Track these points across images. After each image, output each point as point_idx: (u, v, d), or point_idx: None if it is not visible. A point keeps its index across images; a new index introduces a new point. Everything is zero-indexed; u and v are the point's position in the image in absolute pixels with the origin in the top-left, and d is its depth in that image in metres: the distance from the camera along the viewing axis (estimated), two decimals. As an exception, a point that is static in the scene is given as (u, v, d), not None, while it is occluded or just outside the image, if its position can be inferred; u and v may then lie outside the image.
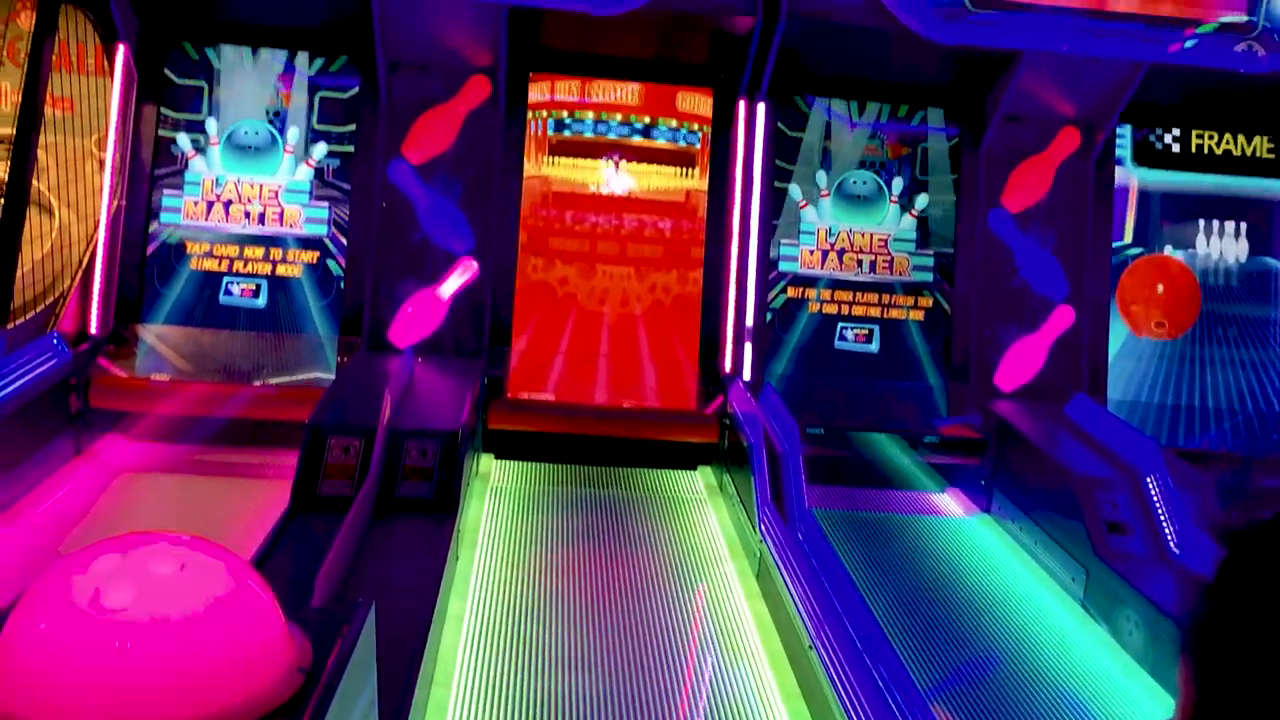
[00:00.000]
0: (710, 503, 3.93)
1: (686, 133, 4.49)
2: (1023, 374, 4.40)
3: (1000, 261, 4.46)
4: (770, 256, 4.44)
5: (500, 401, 4.11)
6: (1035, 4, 4.01)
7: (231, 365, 4.10)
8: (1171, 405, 4.51)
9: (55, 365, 3.60)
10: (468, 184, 4.31)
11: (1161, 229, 4.62)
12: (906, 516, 4.00)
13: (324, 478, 3.14)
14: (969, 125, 4.52)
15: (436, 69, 4.28)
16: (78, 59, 4.09)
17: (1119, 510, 3.37)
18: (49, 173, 3.94)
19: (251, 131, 4.32)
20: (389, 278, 4.26)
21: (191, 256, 4.26)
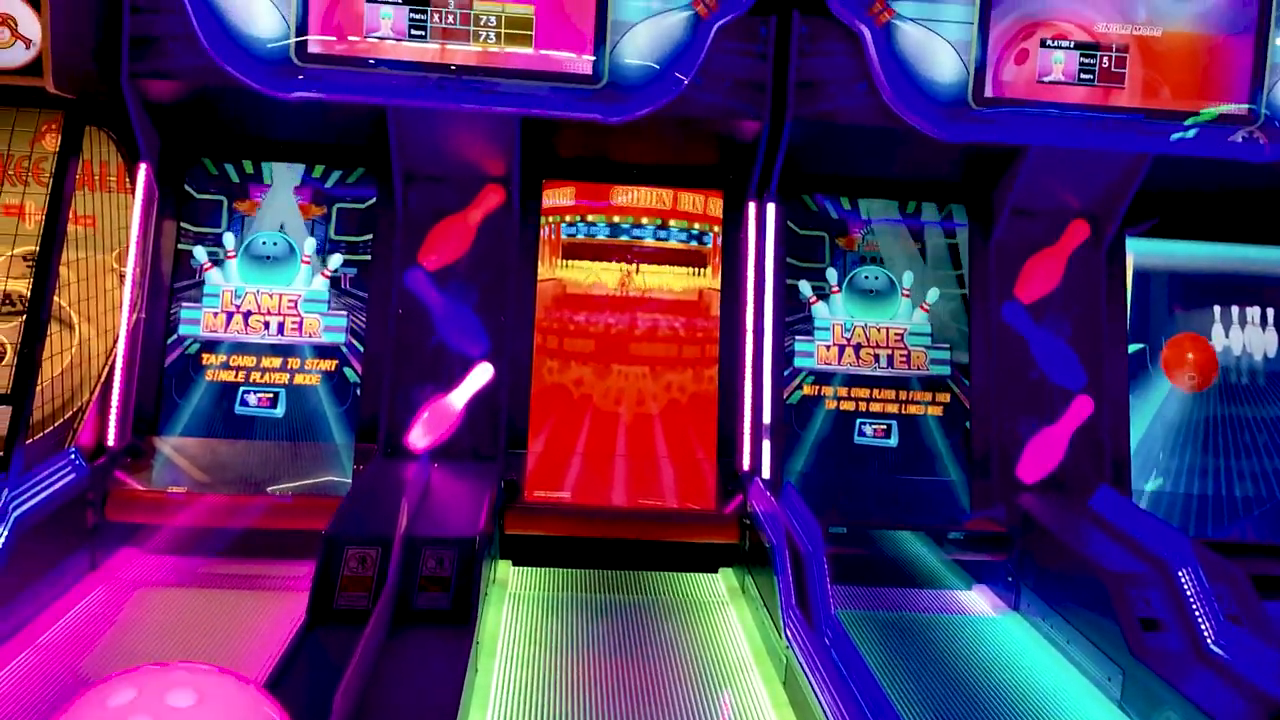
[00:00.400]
0: (733, 605, 3.86)
1: (698, 233, 4.54)
2: (1044, 466, 4.35)
3: (1016, 353, 4.45)
4: (786, 352, 4.45)
5: (517, 505, 4.08)
6: (1038, 100, 4.07)
7: (248, 475, 4.09)
8: (1197, 494, 4.44)
9: (73, 481, 3.60)
10: (483, 289, 4.36)
11: (1172, 316, 4.61)
12: (934, 615, 3.91)
13: (340, 590, 3.11)
14: (978, 219, 4.57)
15: (451, 179, 4.37)
16: (100, 177, 4.19)
17: (1152, 606, 3.29)
18: (70, 288, 4.00)
19: (270, 243, 4.39)
20: (405, 383, 4.28)
21: (209, 367, 4.29)
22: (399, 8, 3.91)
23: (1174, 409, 4.54)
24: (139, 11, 3.91)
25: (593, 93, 3.97)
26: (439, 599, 3.16)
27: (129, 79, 3.94)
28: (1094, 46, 4.06)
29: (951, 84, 4.05)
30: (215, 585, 3.74)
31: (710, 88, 4.05)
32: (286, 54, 3.91)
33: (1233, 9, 4.08)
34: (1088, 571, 3.48)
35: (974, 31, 4.02)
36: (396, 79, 3.93)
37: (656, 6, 3.96)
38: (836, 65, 4.08)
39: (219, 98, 4.09)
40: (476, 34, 3.94)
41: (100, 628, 3.36)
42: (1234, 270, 4.67)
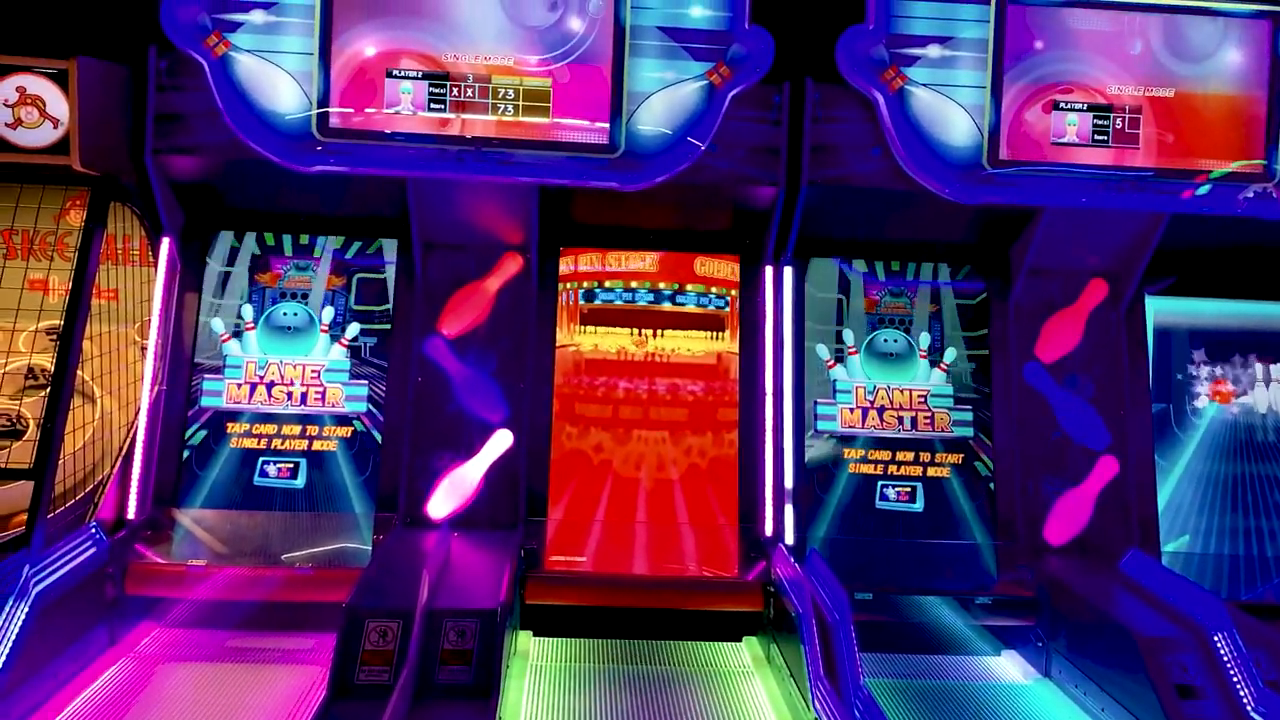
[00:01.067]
0: (758, 675, 3.79)
1: (715, 297, 4.55)
2: (1071, 528, 4.30)
3: (1039, 414, 4.42)
4: (807, 416, 4.43)
5: (537, 574, 4.03)
6: (1052, 161, 4.10)
7: (268, 547, 4.06)
8: (1229, 555, 4.37)
9: (93, 555, 3.58)
10: (502, 356, 4.37)
11: (1192, 373, 4.58)
12: (964, 683, 3.83)
13: (362, 664, 3.07)
14: (996, 280, 4.57)
15: (470, 248, 4.41)
16: (123, 251, 4.25)
17: (1189, 673, 3.22)
18: (92, 361, 4.03)
19: (290, 313, 4.42)
20: (425, 451, 4.27)
21: (230, 438, 4.30)
22: (419, 82, 3.98)
23: (1199, 468, 4.48)
24: (164, 89, 3.99)
25: (609, 161, 4.01)
26: (461, 673, 3.11)
27: (153, 155, 4.01)
28: (1107, 108, 4.09)
29: (965, 147, 4.08)
30: (235, 659, 3.69)
31: (725, 155, 4.09)
32: (308, 128, 3.98)
33: (1245, 68, 4.11)
34: (1121, 636, 3.41)
35: (987, 95, 4.06)
36: (416, 151, 3.98)
37: (671, 77, 4.02)
38: (850, 131, 4.12)
39: (241, 172, 4.15)
40: (495, 106, 4.00)
41: (121, 704, 3.32)
42: (1255, 327, 4.65)
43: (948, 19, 4.05)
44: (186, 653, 3.75)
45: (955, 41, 4.06)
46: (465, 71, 3.99)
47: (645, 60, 4.00)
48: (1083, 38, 4.08)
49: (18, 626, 3.04)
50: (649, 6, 3.99)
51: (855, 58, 4.04)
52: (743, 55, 4.00)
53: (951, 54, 4.06)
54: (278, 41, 3.95)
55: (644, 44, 4.00)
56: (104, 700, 3.35)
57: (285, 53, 3.96)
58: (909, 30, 4.05)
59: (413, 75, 3.98)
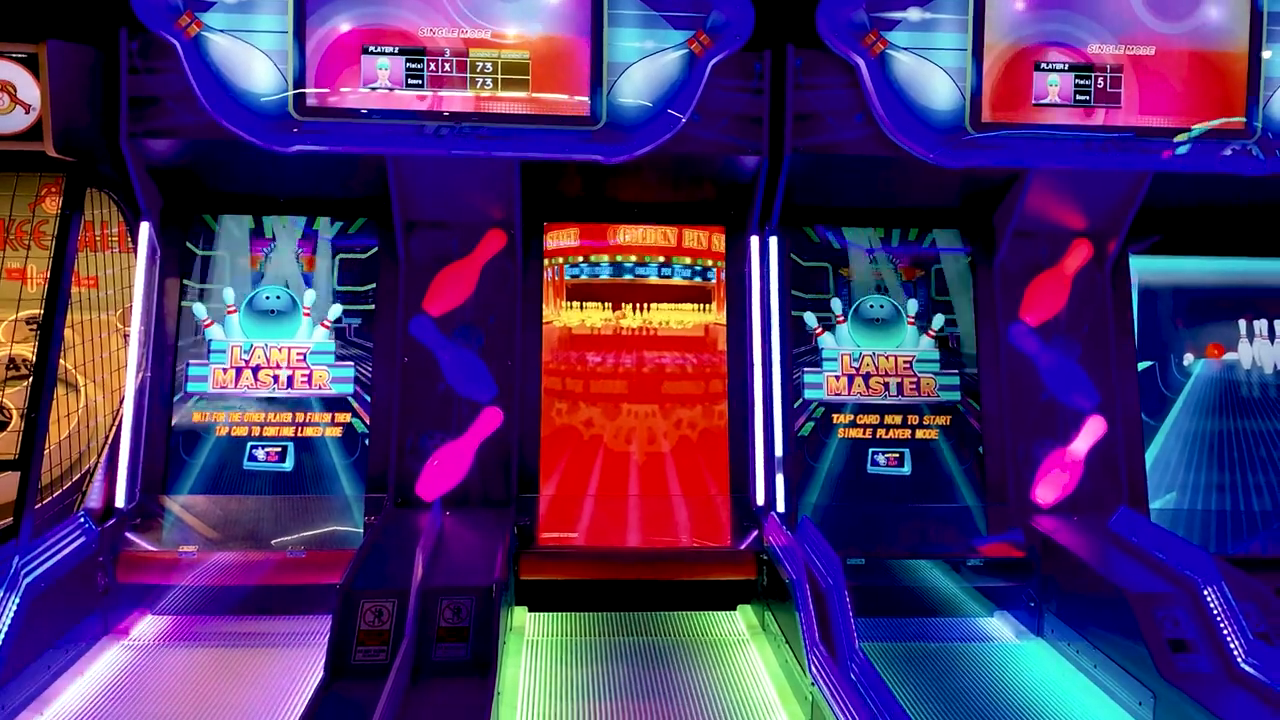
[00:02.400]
0: (754, 643, 3.81)
1: (701, 269, 4.54)
2: (1060, 488, 4.32)
3: (1026, 376, 4.43)
4: (795, 384, 4.43)
5: (531, 551, 4.03)
6: (1035, 123, 4.09)
7: (259, 531, 4.05)
8: (1216, 510, 4.41)
9: (82, 544, 3.57)
10: (489, 334, 4.35)
11: (1177, 331, 4.60)
12: (958, 644, 3.86)
13: (358, 644, 3.07)
14: (981, 243, 4.57)
15: (453, 225, 4.38)
16: (101, 238, 4.19)
17: (1180, 627, 3.25)
18: (74, 350, 3.99)
19: (273, 296, 4.38)
20: (414, 431, 4.25)
21: (216, 424, 4.27)
22: (395, 58, 3.94)
23: (1185, 425, 4.51)
24: (136, 72, 3.93)
25: (591, 134, 3.98)
26: (458, 650, 3.11)
27: (128, 139, 3.95)
28: (1088, 67, 4.08)
29: (948, 111, 4.07)
30: (230, 643, 3.69)
31: (708, 124, 4.07)
32: (284, 108, 3.93)
33: (1225, 25, 4.10)
34: (1112, 594, 3.43)
35: (968, 58, 4.04)
36: (395, 129, 3.95)
37: (651, 46, 3.99)
38: (833, 97, 4.10)
39: (218, 154, 4.10)
40: (473, 81, 3.96)
41: (115, 691, 3.32)
42: (1240, 284, 4.67)
43: (928, -19, 4.03)
44: (181, 638, 3.75)
45: (936, 4, 4.04)
46: (442, 46, 3.94)
47: (624, 30, 3.97)
48: (1063, -4, 4.07)
49: (9, 618, 3.03)
50: (627, -25, 3.96)
51: (836, 23, 4.02)
52: (723, 23, 3.97)
53: (932, 17, 4.04)
54: (251, 20, 3.90)
55: (622, 13, 3.96)
56: (100, 688, 3.34)
57: (259, 31, 3.91)
58: (889, -7, 4.03)
59: (389, 51, 3.94)
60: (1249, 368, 4.59)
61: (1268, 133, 4.13)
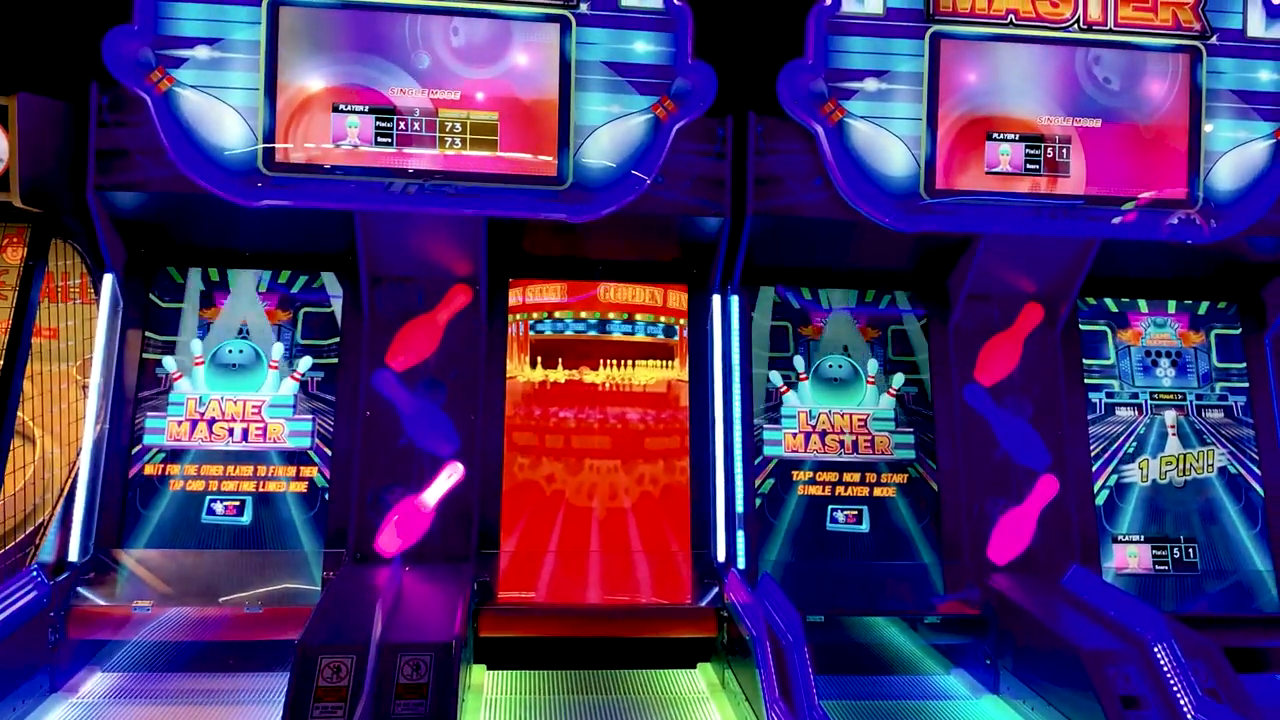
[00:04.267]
0: (714, 701, 3.81)
1: (664, 327, 4.60)
2: (1014, 546, 4.39)
3: (981, 435, 4.52)
4: (756, 441, 4.48)
5: (491, 607, 4.01)
6: (987, 191, 4.23)
7: (215, 587, 3.99)
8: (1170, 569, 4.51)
9: (33, 599, 3.51)
10: (452, 388, 4.37)
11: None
12: (915, 702, 3.89)
13: (315, 701, 3.03)
14: (936, 305, 4.68)
15: (419, 280, 4.41)
16: (62, 289, 4.18)
17: (1131, 683, 3.31)
18: (31, 401, 3.95)
19: (236, 350, 4.38)
20: (374, 486, 4.24)
21: (173, 477, 4.23)
22: (365, 116, 4.00)
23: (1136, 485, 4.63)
24: (105, 125, 3.95)
25: (558, 193, 4.06)
26: (417, 707, 3.08)
27: (95, 191, 3.96)
28: (1038, 138, 4.24)
29: (904, 177, 4.20)
30: (183, 701, 3.62)
31: (672, 186, 4.16)
32: (253, 163, 3.97)
33: (1166, 99, 4.29)
34: (1065, 651, 3.49)
35: (923, 127, 4.19)
36: (363, 185, 3.99)
37: (618, 111, 4.08)
38: (793, 162, 4.21)
39: (185, 207, 4.11)
40: (442, 140, 4.03)
41: (63, 753, 3.24)
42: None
43: (884, 53, 4.17)
44: (132, 695, 3.67)
45: (892, 75, 4.19)
46: (412, 105, 4.01)
47: (591, 94, 4.07)
48: (1014, 71, 4.23)
49: (-43, 674, 2.96)
50: (594, 42, 4.06)
51: (796, 91, 4.15)
52: (687, 89, 4.08)
53: (888, 87, 4.18)
54: (223, 77, 3.95)
55: (590, 78, 4.06)
56: (48, 748, 3.26)
57: (231, 88, 3.95)
58: (847, 64, 4.17)
59: (359, 110, 4.00)
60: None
61: (1209, 203, 4.31)
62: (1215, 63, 4.30)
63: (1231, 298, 4.85)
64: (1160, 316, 4.82)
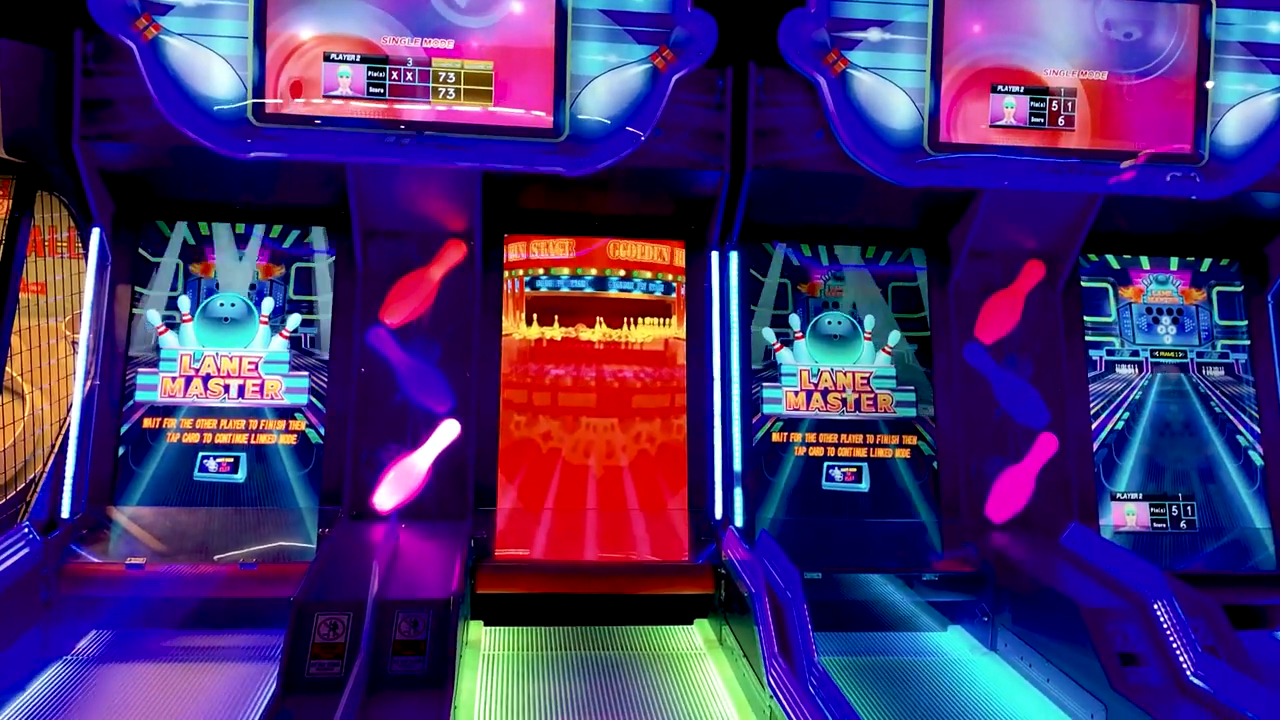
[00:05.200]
0: (711, 657, 3.80)
1: (661, 284, 4.55)
2: (1013, 504, 4.38)
3: (980, 394, 4.49)
4: (753, 399, 4.45)
5: (488, 564, 3.99)
6: (991, 144, 4.16)
7: (209, 544, 3.96)
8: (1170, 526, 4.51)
9: (25, 556, 3.46)
10: (447, 345, 4.32)
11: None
12: (913, 659, 3.89)
13: (312, 658, 3.01)
14: (936, 262, 4.63)
15: (412, 235, 4.34)
16: (49, 243, 4.11)
17: (1130, 641, 3.30)
18: (20, 357, 3.89)
19: (227, 304, 4.32)
20: (370, 443, 4.20)
21: (167, 433, 4.19)
22: (357, 66, 3.91)
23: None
24: (91, 74, 3.86)
25: (554, 146, 3.98)
26: (415, 663, 3.07)
27: (80, 142, 3.88)
28: (1043, 91, 4.17)
29: (907, 130, 4.13)
30: (178, 659, 3.60)
31: (670, 139, 4.09)
32: (243, 115, 3.88)
33: (1173, 54, 4.21)
34: (1063, 608, 3.48)
35: (927, 79, 4.11)
36: (356, 137, 3.92)
37: (615, 60, 4.00)
38: (794, 114, 4.14)
39: (173, 159, 4.03)
40: (436, 90, 3.94)
41: (57, 709, 3.21)
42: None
43: (888, 3, 4.09)
44: (127, 654, 3.64)
45: (896, 25, 4.10)
46: (405, 55, 3.93)
47: (588, 43, 3.98)
48: (1020, 21, 4.15)
49: (-53, 631, 2.93)
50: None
51: (797, 41, 4.06)
52: (685, 39, 4.00)
53: (892, 37, 4.10)
54: (211, 25, 3.85)
55: (586, 27, 3.98)
56: (41, 704, 3.24)
57: (219, 36, 3.86)
58: (850, 14, 4.09)
59: (351, 59, 3.91)
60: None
61: (1215, 157, 4.25)
62: (1225, 14, 4.23)
63: (1234, 255, 4.81)
64: (1162, 273, 4.78)
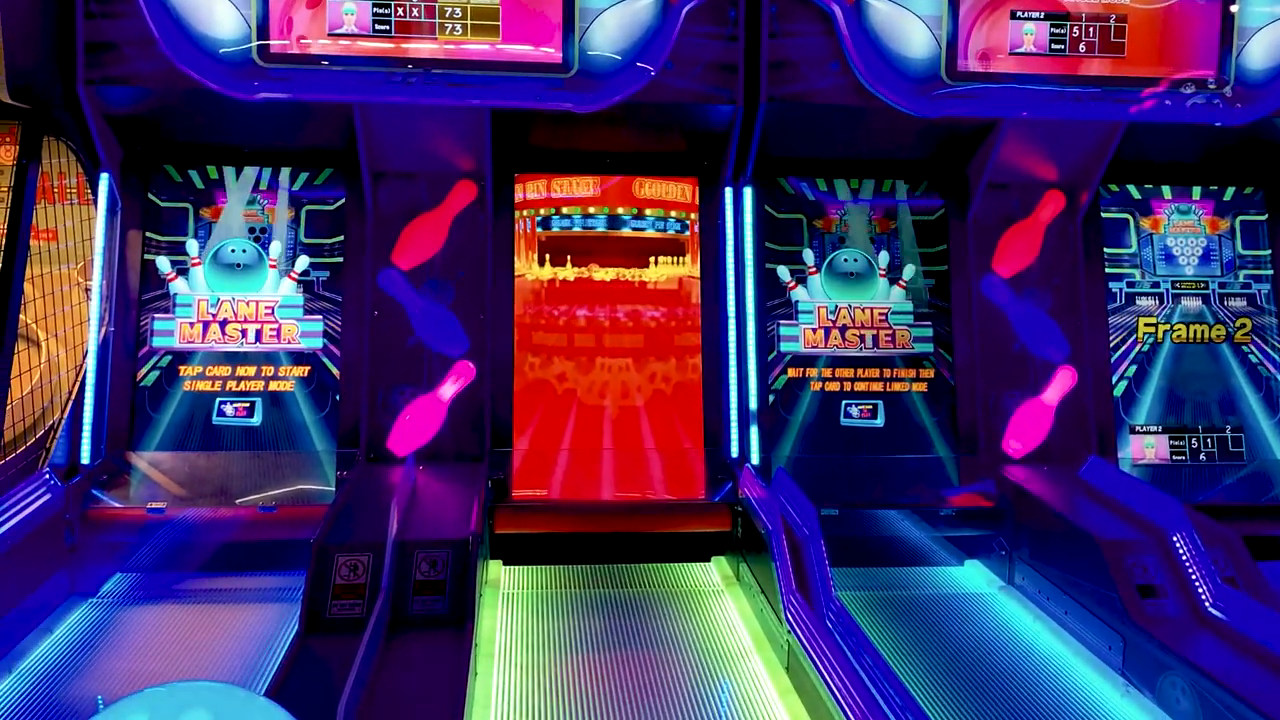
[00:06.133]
0: (729, 593, 3.83)
1: (674, 221, 4.50)
2: (1032, 439, 4.36)
3: (998, 328, 4.45)
4: (769, 337, 4.42)
5: (505, 505, 4.01)
6: (1010, 73, 4.06)
7: (228, 487, 3.99)
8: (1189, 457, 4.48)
9: (48, 501, 3.50)
10: (459, 287, 4.29)
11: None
12: (930, 594, 3.90)
13: (333, 599, 3.04)
14: (954, 195, 4.56)
15: (422, 176, 4.30)
16: (59, 189, 4.08)
17: (1149, 573, 3.29)
18: (34, 304, 3.89)
19: (239, 249, 4.29)
20: (385, 386, 4.20)
21: (184, 379, 4.20)
22: (362, 3, 3.84)
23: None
24: (93, 17, 3.80)
25: (563, 82, 3.91)
26: (435, 603, 3.10)
27: (85, 85, 3.83)
28: (1063, 16, 4.05)
29: (924, 60, 4.03)
30: (201, 600, 3.65)
31: (681, 72, 4.01)
32: (248, 55, 3.83)
33: (1199, -26, 4.09)
34: (1082, 541, 3.48)
35: (944, 6, 4.01)
36: (362, 76, 3.86)
37: (624, -8, 3.91)
38: (808, 45, 4.05)
39: (180, 102, 3.98)
40: (442, 26, 3.87)
41: (85, 650, 3.27)
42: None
43: (905, -73, 3.97)
44: (151, 595, 3.70)
45: (912, -50, 3.99)
46: (410, -9, 3.85)
47: (597, -25, 3.89)
48: (1040, -57, 4.03)
49: (-26, 576, 2.97)
50: (599, -82, 3.88)
51: (812, -31, 3.96)
52: (697, -31, 3.90)
53: (909, -37, 4.00)
54: (212, -39, 3.78)
55: (595, -43, 3.88)
56: (69, 645, 3.29)
57: (221, -26, 3.79)
58: (866, -61, 3.97)
59: (355, -5, 3.83)
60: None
61: (1240, 82, 4.14)
62: (1252, -68, 4.09)
63: (1258, 183, 4.71)
64: (1184, 203, 4.69)
